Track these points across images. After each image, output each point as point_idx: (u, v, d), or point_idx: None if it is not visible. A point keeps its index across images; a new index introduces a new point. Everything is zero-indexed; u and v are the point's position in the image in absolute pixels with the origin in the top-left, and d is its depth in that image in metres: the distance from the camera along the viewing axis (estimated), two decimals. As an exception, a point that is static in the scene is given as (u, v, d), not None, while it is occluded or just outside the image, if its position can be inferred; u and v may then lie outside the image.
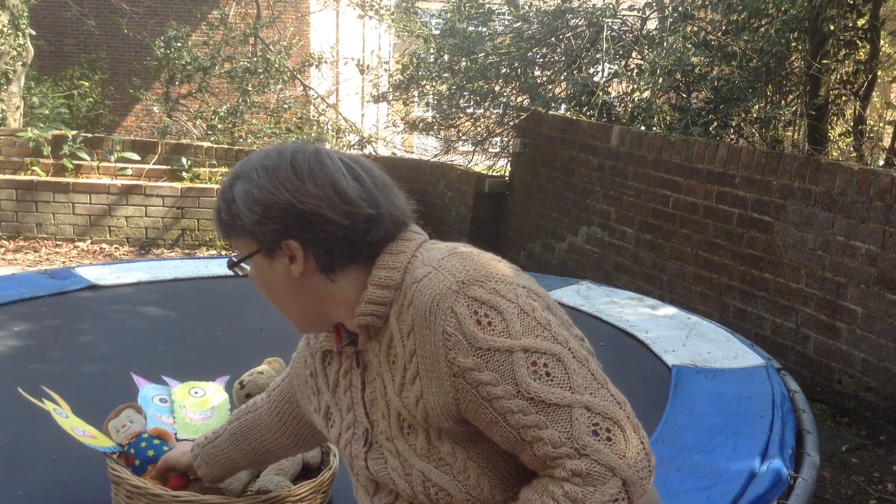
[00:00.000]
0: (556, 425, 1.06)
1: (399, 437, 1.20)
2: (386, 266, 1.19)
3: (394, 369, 1.18)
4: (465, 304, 1.09)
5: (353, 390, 1.28)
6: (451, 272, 1.12)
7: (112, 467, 1.73)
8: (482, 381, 1.08)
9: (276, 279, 1.23)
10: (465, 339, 1.08)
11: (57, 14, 12.09)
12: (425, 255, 1.18)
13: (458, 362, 1.08)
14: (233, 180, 1.22)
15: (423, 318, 1.11)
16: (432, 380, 1.12)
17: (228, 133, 8.61)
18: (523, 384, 1.07)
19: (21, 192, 6.85)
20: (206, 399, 2.00)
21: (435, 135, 9.20)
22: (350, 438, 1.28)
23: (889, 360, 3.70)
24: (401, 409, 1.18)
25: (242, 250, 1.24)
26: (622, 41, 6.89)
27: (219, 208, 1.23)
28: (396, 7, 10.11)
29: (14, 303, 3.35)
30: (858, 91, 5.67)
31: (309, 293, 1.23)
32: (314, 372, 1.38)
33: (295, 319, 1.28)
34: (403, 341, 1.15)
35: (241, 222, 1.19)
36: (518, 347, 1.08)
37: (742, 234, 4.55)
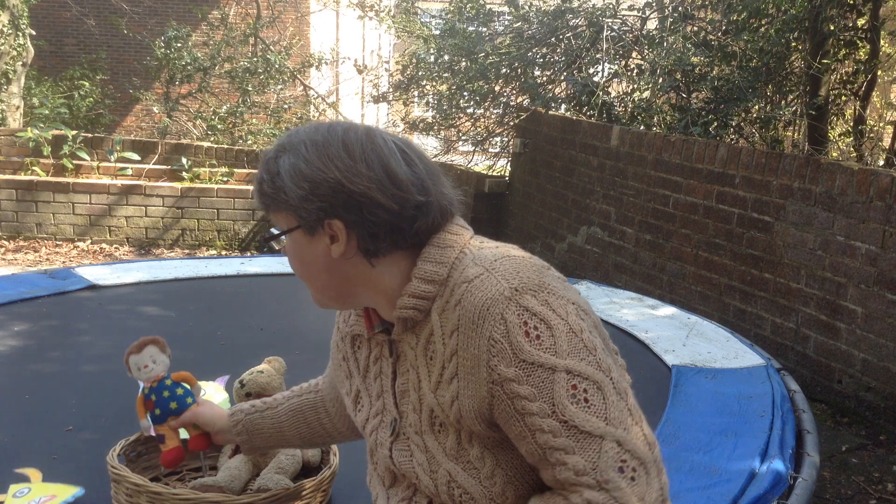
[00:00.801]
0: (584, 453, 1.04)
1: (429, 433, 1.18)
2: (432, 259, 1.15)
3: (431, 365, 1.15)
4: (517, 312, 1.06)
5: (383, 378, 1.25)
6: (504, 276, 1.09)
7: (112, 466, 1.73)
8: (519, 394, 1.06)
9: (314, 258, 1.18)
10: (511, 348, 1.05)
11: (57, 14, 12.09)
12: (476, 253, 1.14)
13: (499, 370, 1.06)
14: (278, 152, 1.17)
15: (471, 321, 1.08)
16: (470, 383, 1.09)
17: (228, 133, 8.61)
18: (560, 405, 1.05)
19: (21, 192, 6.85)
20: (205, 399, 2.00)
21: (435, 135, 9.20)
22: (377, 426, 1.26)
23: (889, 360, 3.70)
24: (434, 406, 1.15)
25: (281, 224, 1.19)
26: (622, 41, 6.89)
27: (261, 179, 1.18)
28: (396, 7, 10.11)
29: (14, 303, 3.35)
30: (858, 91, 5.67)
31: (345, 275, 1.18)
32: (346, 355, 1.35)
33: (321, 295, 1.23)
34: (445, 339, 1.12)
35: (286, 196, 1.14)
36: (562, 367, 1.05)
37: (742, 234, 4.55)
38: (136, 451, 1.89)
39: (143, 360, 1.66)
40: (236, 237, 7.01)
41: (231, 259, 4.79)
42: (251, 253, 6.89)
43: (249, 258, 4.81)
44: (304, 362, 2.43)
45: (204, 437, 1.62)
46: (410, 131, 9.38)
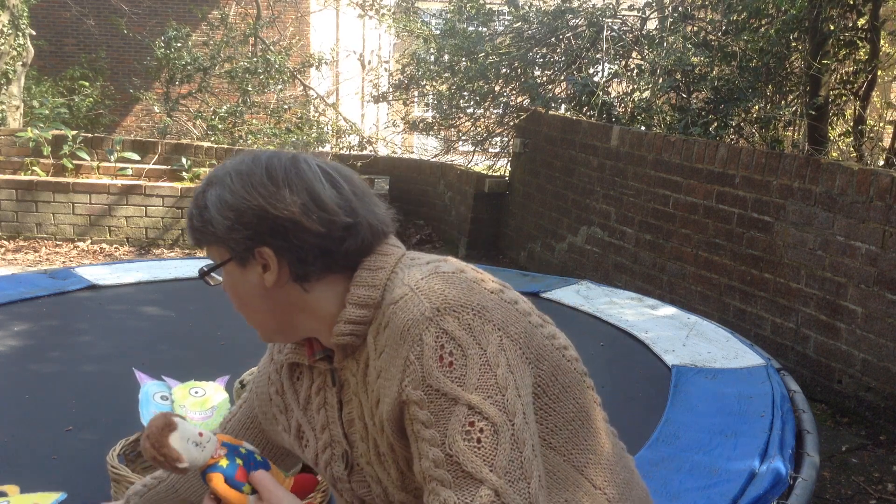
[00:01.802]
0: (459, 492, 1.02)
1: (377, 462, 1.16)
2: (364, 283, 1.14)
3: (368, 391, 1.14)
4: (435, 335, 1.04)
5: (328, 409, 1.23)
6: (428, 296, 1.06)
7: (112, 466, 1.73)
8: (418, 418, 1.05)
9: (249, 288, 1.17)
10: (422, 370, 1.04)
11: (57, 14, 12.09)
12: (405, 273, 1.13)
13: (407, 391, 1.05)
14: (206, 186, 1.17)
15: (394, 341, 1.07)
16: (385, 403, 1.09)
17: (228, 133, 8.60)
18: (450, 438, 1.03)
19: (21, 192, 6.84)
20: (206, 399, 2.01)
21: (435, 135, 9.19)
22: (329, 459, 1.23)
23: (889, 360, 3.70)
24: (372, 432, 1.14)
25: (215, 258, 1.19)
26: (622, 41, 6.89)
27: (191, 215, 1.18)
28: (396, 7, 10.11)
29: (14, 303, 3.35)
30: (858, 91, 5.67)
31: (282, 303, 1.17)
32: (280, 389, 1.31)
33: (263, 329, 1.22)
34: (375, 363, 1.11)
35: (213, 229, 1.15)
36: (464, 401, 1.03)
37: (742, 234, 4.55)
38: (136, 451, 1.89)
39: (191, 430, 1.16)
40: (236, 237, 7.01)
41: (231, 259, 4.78)
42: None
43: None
44: (304, 362, 2.43)
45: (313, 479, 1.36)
46: (410, 131, 9.39)
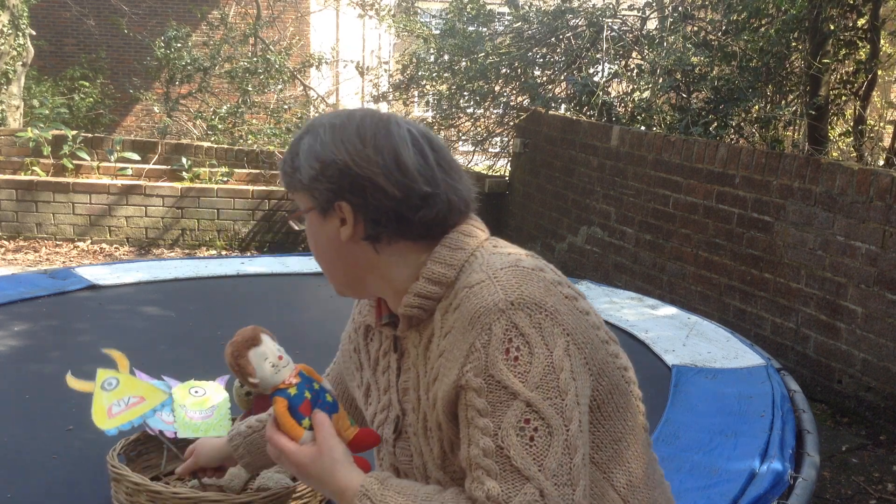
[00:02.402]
0: (504, 484, 1.02)
1: (423, 436, 1.18)
2: (441, 261, 1.15)
3: (427, 366, 1.16)
4: (505, 327, 1.05)
5: (390, 373, 1.25)
6: (504, 287, 1.07)
7: (112, 465, 1.73)
8: (474, 405, 1.05)
9: (326, 240, 1.19)
10: (486, 360, 1.05)
11: (57, 14, 12.08)
12: (485, 258, 1.13)
13: (468, 377, 1.06)
14: (303, 133, 1.20)
15: (463, 326, 1.08)
16: (444, 384, 1.10)
17: (228, 133, 8.60)
18: (504, 431, 1.03)
19: (21, 192, 6.85)
20: (206, 398, 2.00)
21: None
22: (383, 421, 1.26)
23: (889, 360, 3.70)
24: (425, 408, 1.16)
25: (300, 205, 1.21)
26: (622, 41, 6.89)
27: (284, 159, 1.21)
28: (396, 7, 10.11)
29: (14, 303, 3.35)
30: (858, 91, 5.67)
31: (354, 259, 1.19)
32: (357, 347, 1.35)
33: (335, 281, 1.24)
34: (439, 341, 1.12)
35: (300, 176, 1.17)
36: (524, 397, 1.04)
37: (742, 234, 4.55)
38: (136, 451, 1.89)
39: (271, 351, 1.18)
40: (236, 237, 7.01)
41: (231, 259, 4.79)
42: (251, 253, 6.89)
43: (249, 258, 4.81)
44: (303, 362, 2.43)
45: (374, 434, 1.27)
46: (410, 131, 9.35)
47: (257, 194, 7.02)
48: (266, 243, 7.03)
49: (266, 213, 7.02)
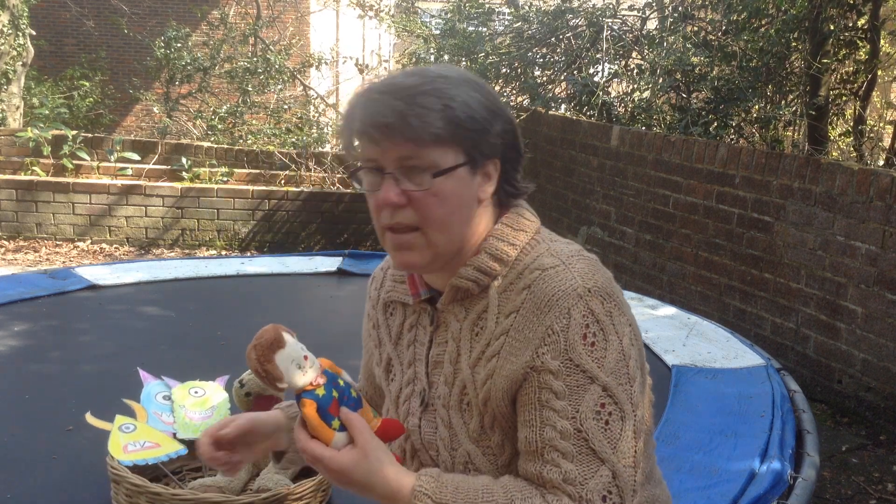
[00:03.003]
0: (581, 467, 1.05)
1: (456, 409, 1.17)
2: (504, 239, 1.15)
3: (475, 341, 1.15)
4: (583, 312, 1.07)
5: (417, 346, 1.24)
6: (581, 275, 1.10)
7: (112, 466, 1.73)
8: (551, 387, 1.07)
9: (468, 197, 1.13)
10: (565, 343, 1.07)
11: (57, 14, 12.08)
12: (549, 244, 1.15)
13: (544, 358, 1.07)
14: (440, 83, 1.09)
15: (536, 306, 1.09)
16: (509, 363, 1.10)
17: (228, 133, 8.60)
18: (581, 415, 1.06)
19: (21, 192, 6.84)
20: (205, 398, 2.01)
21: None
22: (409, 395, 1.25)
23: (889, 360, 3.70)
24: (468, 381, 1.15)
25: (432, 160, 1.09)
26: (622, 41, 6.89)
27: (426, 106, 1.07)
28: (396, 7, 10.11)
29: (14, 303, 3.35)
30: (858, 91, 5.66)
31: (477, 220, 1.15)
32: (376, 323, 1.34)
33: (450, 247, 1.14)
34: (499, 318, 1.12)
35: (466, 127, 1.09)
36: (601, 382, 1.07)
37: (742, 234, 4.55)
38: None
39: (297, 352, 1.09)
40: (236, 237, 7.01)
41: (231, 259, 4.79)
42: (251, 253, 6.89)
43: (249, 258, 4.81)
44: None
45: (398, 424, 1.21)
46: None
47: (257, 194, 7.02)
48: (266, 243, 7.03)
49: (266, 213, 7.02)
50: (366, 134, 1.09)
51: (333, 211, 7.03)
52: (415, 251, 1.12)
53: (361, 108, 1.10)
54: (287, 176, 7.43)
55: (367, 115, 1.09)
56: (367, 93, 1.12)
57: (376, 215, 1.14)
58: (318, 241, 7.03)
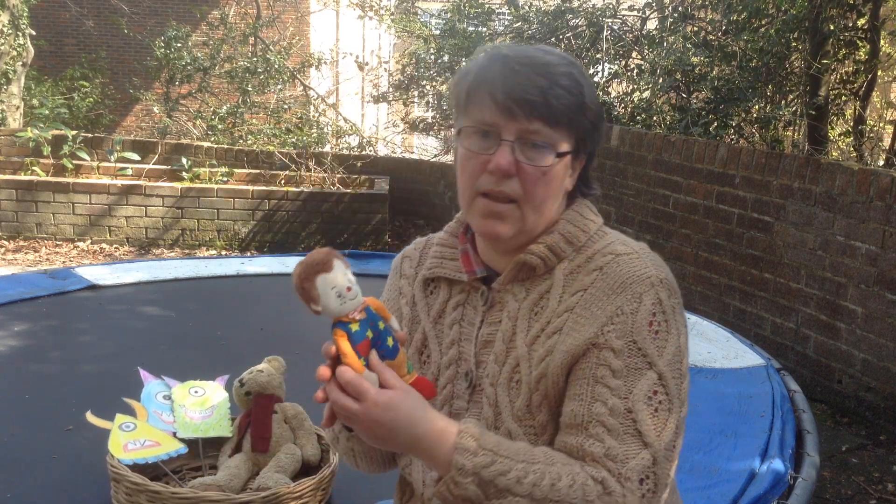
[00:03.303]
0: (624, 445, 1.06)
1: (504, 386, 1.16)
2: (577, 225, 1.19)
3: (534, 320, 1.16)
4: (653, 300, 1.11)
5: (464, 325, 1.22)
6: (654, 265, 1.14)
7: (112, 465, 1.73)
8: (609, 365, 1.09)
9: (559, 185, 1.16)
10: (632, 326, 1.09)
11: (57, 14, 12.08)
12: (618, 236, 1.21)
13: (608, 336, 1.09)
14: (574, 69, 1.12)
15: (609, 287, 1.12)
16: (571, 338, 1.11)
17: (228, 133, 8.60)
18: (635, 396, 1.07)
19: (21, 192, 6.84)
20: (205, 398, 2.01)
21: (435, 135, 9.20)
22: (453, 376, 1.22)
23: (889, 360, 3.70)
24: (522, 359, 1.15)
25: (548, 139, 1.11)
26: (622, 41, 6.89)
27: (559, 92, 1.10)
28: (396, 7, 10.11)
29: (14, 303, 3.35)
30: (858, 91, 5.66)
31: (556, 209, 1.19)
32: (412, 300, 1.30)
33: (538, 222, 1.16)
34: (563, 297, 1.14)
35: (584, 117, 1.13)
36: (658, 369, 1.09)
37: (742, 234, 4.55)
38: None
39: (340, 280, 1.04)
40: (236, 237, 7.01)
41: (231, 259, 4.79)
42: (251, 253, 6.89)
43: (249, 258, 4.81)
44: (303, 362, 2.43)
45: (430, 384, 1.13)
46: (410, 131, 9.39)
47: (257, 194, 7.02)
48: (266, 243, 7.03)
49: (266, 213, 7.02)
50: (504, 105, 1.10)
51: (333, 211, 7.04)
52: (506, 222, 1.14)
53: (502, 78, 1.10)
54: (287, 176, 7.43)
55: (510, 88, 1.09)
56: (506, 61, 1.12)
57: (472, 179, 1.14)
58: (318, 241, 7.03)
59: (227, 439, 1.96)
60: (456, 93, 1.18)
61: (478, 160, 1.12)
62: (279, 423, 1.92)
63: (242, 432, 1.92)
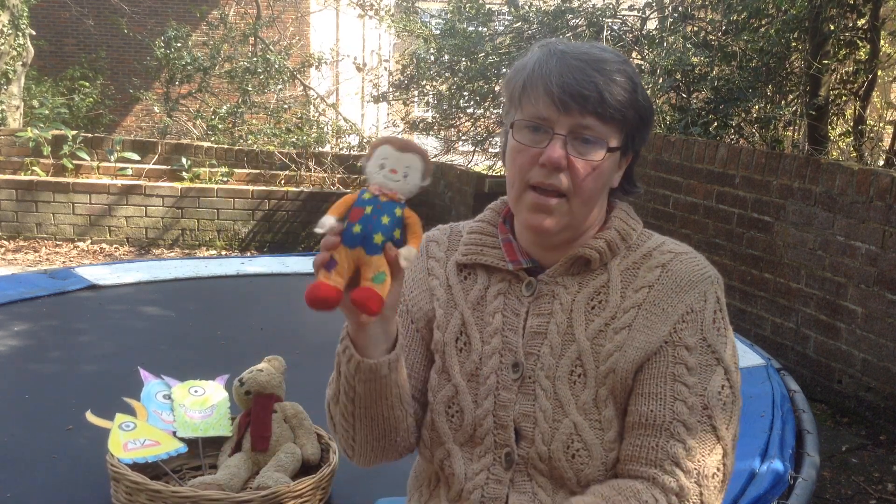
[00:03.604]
0: (702, 444, 1.09)
1: (565, 380, 1.15)
2: (629, 222, 1.22)
3: (592, 314, 1.16)
4: (715, 298, 1.15)
5: (507, 315, 1.20)
6: (710, 266, 1.19)
7: (112, 464, 1.73)
8: (685, 362, 1.11)
9: (609, 179, 1.18)
10: (702, 323, 1.13)
11: (57, 14, 12.08)
12: (661, 236, 1.26)
13: (681, 334, 1.12)
14: (627, 66, 1.14)
15: (676, 284, 1.15)
16: (643, 335, 1.13)
17: (228, 133, 8.61)
18: (710, 392, 1.10)
19: (21, 192, 6.84)
20: (205, 397, 2.01)
21: (435, 135, 9.19)
22: (497, 366, 1.18)
23: (889, 360, 3.70)
24: (585, 353, 1.14)
25: (599, 134, 1.12)
26: (622, 41, 6.89)
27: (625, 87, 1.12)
28: (396, 7, 10.11)
29: (14, 303, 3.35)
30: (858, 91, 5.66)
31: (601, 206, 1.21)
32: (447, 282, 1.26)
33: (584, 217, 1.17)
34: (625, 292, 1.16)
35: (638, 111, 1.15)
36: (724, 364, 1.13)
37: (742, 234, 4.55)
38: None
39: (400, 162, 1.06)
40: (236, 237, 7.01)
41: (231, 259, 4.79)
42: (251, 253, 6.89)
43: (249, 258, 4.81)
44: (303, 362, 2.43)
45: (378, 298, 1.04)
46: (410, 131, 9.38)
47: (257, 194, 7.02)
48: (266, 243, 7.03)
49: (266, 213, 7.02)
50: (559, 98, 1.10)
51: (333, 211, 7.03)
52: (553, 216, 1.14)
53: (558, 72, 1.11)
54: (287, 176, 7.43)
55: (566, 82, 1.10)
56: (563, 56, 1.13)
57: (522, 172, 1.14)
58: (319, 241, 7.02)
59: (226, 438, 1.96)
60: (511, 86, 1.17)
61: (528, 153, 1.13)
62: (279, 423, 1.92)
63: (242, 431, 1.92)
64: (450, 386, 1.21)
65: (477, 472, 1.18)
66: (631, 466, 1.11)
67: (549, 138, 1.11)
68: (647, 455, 1.10)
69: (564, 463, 1.13)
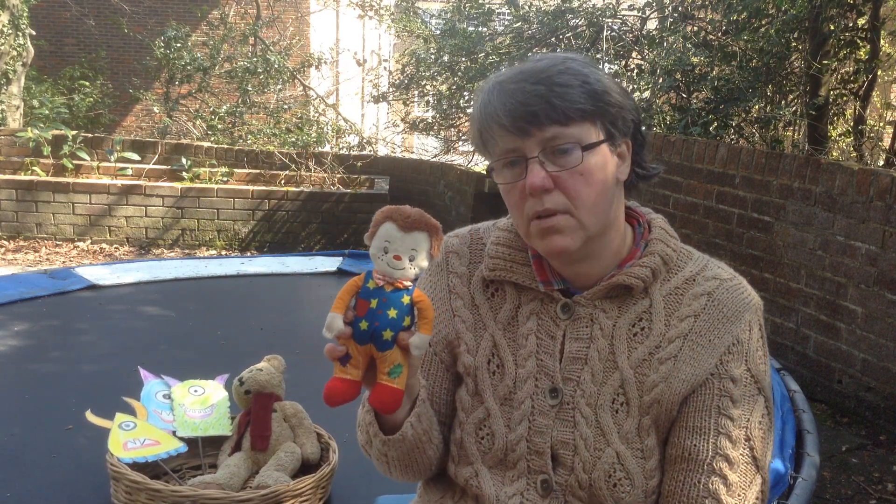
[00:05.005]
0: (743, 477, 1.09)
1: (607, 408, 1.12)
2: (669, 243, 1.19)
3: (635, 341, 1.12)
4: (759, 327, 1.15)
5: (541, 337, 1.15)
6: (752, 292, 1.17)
7: (112, 464, 1.73)
8: (731, 395, 1.10)
9: (610, 173, 1.12)
10: (747, 354, 1.12)
11: (57, 14, 12.08)
12: (702, 255, 1.22)
13: (728, 366, 1.11)
14: (570, 64, 1.09)
15: (723, 314, 1.13)
16: (690, 366, 1.11)
17: (228, 133, 8.61)
18: (753, 424, 1.10)
19: (21, 192, 6.84)
20: (205, 397, 2.01)
21: (435, 135, 9.20)
22: (532, 391, 1.14)
23: (889, 360, 3.70)
24: (628, 382, 1.11)
25: (576, 137, 1.08)
26: (622, 41, 6.89)
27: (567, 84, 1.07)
28: (396, 7, 10.11)
29: (14, 303, 3.36)
30: (858, 91, 5.66)
31: (616, 203, 1.15)
32: (472, 302, 1.21)
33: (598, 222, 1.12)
34: (670, 321, 1.12)
35: (608, 102, 1.09)
36: (765, 393, 1.13)
37: (742, 234, 4.55)
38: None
39: (405, 245, 1.01)
40: (236, 237, 7.01)
41: (231, 259, 4.79)
42: (251, 253, 6.89)
43: (249, 258, 4.81)
44: (303, 362, 2.43)
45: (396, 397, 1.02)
46: (410, 131, 9.39)
47: (257, 194, 7.02)
48: (266, 243, 7.03)
49: (266, 213, 7.02)
50: (513, 127, 1.07)
51: (333, 211, 7.04)
52: (566, 234, 1.09)
53: (500, 102, 1.09)
54: (287, 176, 7.43)
55: (510, 108, 1.07)
56: (501, 86, 1.10)
57: (520, 207, 1.11)
58: (318, 241, 7.03)
59: (226, 438, 1.96)
60: (474, 139, 1.17)
61: (516, 189, 1.10)
62: (279, 422, 1.92)
63: (242, 431, 1.92)
64: (482, 409, 1.17)
65: (510, 495, 1.15)
66: (672, 503, 1.11)
67: (525, 166, 1.09)
68: (689, 492, 1.09)
69: (605, 491, 1.11)
